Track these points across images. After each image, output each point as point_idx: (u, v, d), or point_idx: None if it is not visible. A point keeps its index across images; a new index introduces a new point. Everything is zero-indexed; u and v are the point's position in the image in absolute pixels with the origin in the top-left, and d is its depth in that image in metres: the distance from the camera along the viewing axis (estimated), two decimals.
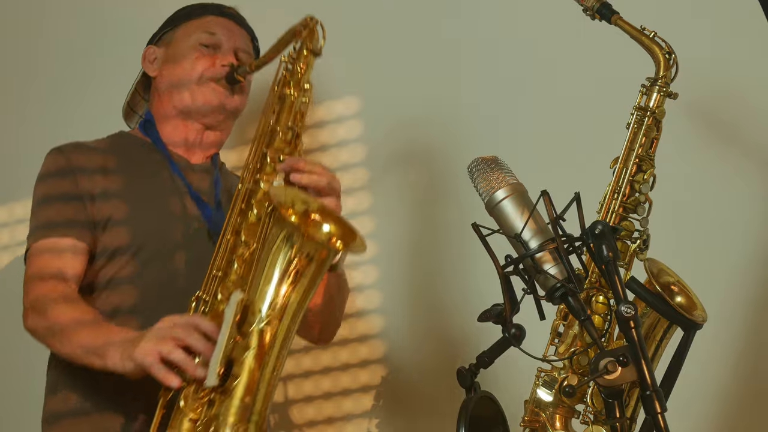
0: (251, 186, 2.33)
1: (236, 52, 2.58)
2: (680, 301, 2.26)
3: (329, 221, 2.22)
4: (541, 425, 2.20)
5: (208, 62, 2.54)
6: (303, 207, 2.21)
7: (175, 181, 2.50)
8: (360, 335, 3.00)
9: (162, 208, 2.46)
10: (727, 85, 2.81)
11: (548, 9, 2.88)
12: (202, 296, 2.26)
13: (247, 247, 2.27)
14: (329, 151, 3.05)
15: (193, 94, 2.54)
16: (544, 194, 1.86)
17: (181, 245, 2.44)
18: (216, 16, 2.61)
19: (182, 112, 2.55)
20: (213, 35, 2.56)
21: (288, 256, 2.14)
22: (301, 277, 2.15)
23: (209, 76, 2.53)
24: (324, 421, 3.00)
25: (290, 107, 2.38)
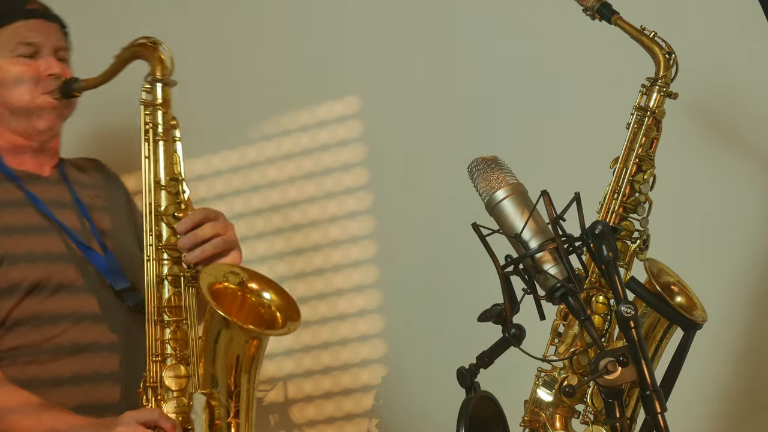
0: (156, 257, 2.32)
1: (56, 52, 2.50)
2: (680, 301, 2.26)
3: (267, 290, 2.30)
4: (541, 425, 2.20)
5: (32, 72, 2.45)
6: (236, 278, 2.29)
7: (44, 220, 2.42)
8: (360, 335, 3.00)
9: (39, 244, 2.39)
10: (727, 85, 2.81)
11: (548, 9, 2.87)
12: (150, 384, 2.27)
13: (175, 326, 2.29)
14: (329, 151, 3.05)
15: (25, 109, 2.45)
16: (544, 194, 1.86)
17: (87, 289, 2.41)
18: (25, 19, 2.48)
19: (17, 128, 2.47)
20: (30, 45, 2.47)
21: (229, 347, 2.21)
22: (246, 363, 2.22)
23: (41, 90, 2.45)
24: (324, 420, 3.00)
25: (165, 154, 2.37)
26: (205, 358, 2.23)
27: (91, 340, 2.38)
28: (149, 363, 2.28)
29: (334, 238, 3.03)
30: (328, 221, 3.03)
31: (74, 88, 2.46)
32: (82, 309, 2.39)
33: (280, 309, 2.29)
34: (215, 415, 2.21)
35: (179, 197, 2.35)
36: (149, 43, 2.38)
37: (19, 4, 2.50)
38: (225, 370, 2.21)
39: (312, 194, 3.04)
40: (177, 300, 2.31)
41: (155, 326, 2.29)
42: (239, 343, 2.21)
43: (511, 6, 2.97)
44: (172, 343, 2.28)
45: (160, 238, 2.33)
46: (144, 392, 2.28)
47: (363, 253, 3.01)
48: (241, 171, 3.08)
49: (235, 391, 2.21)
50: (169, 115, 2.38)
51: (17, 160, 2.48)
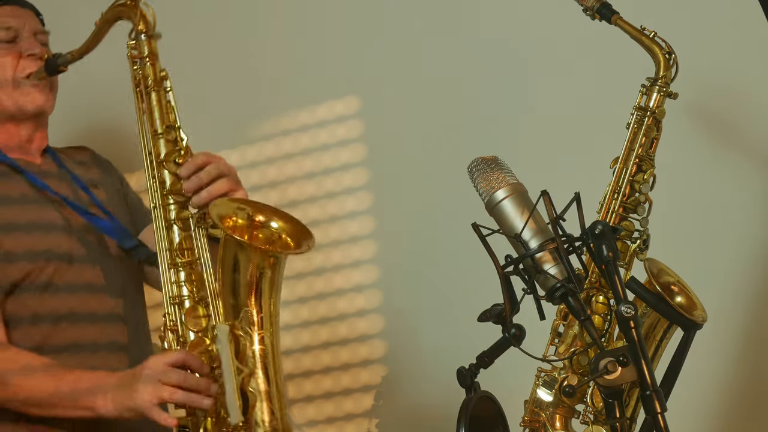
0: (162, 202, 2.32)
1: (35, 35, 2.50)
2: (680, 301, 2.26)
3: (275, 219, 2.27)
4: (541, 425, 2.20)
5: (14, 58, 2.45)
6: (244, 213, 2.27)
7: (49, 202, 2.43)
8: (360, 335, 3.00)
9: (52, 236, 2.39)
10: (727, 85, 2.81)
11: (548, 9, 2.87)
12: (170, 327, 2.27)
13: (189, 266, 2.29)
14: (329, 151, 3.05)
15: (13, 97, 2.45)
16: (544, 194, 1.86)
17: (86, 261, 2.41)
18: (1, 6, 2.48)
19: (10, 117, 2.47)
20: (8, 29, 2.46)
21: (245, 273, 2.18)
22: (267, 285, 2.20)
23: (25, 75, 2.45)
24: (324, 420, 3.00)
25: (159, 105, 2.36)
26: (224, 289, 2.21)
27: (89, 310, 2.38)
28: (167, 307, 2.27)
29: (334, 238, 3.03)
30: (328, 221, 3.03)
31: (59, 62, 2.44)
32: (78, 281, 2.39)
33: (290, 235, 2.26)
34: (240, 344, 2.17)
35: (178, 144, 2.35)
36: (129, 1, 2.37)
37: None
38: (245, 297, 2.18)
39: (312, 194, 3.04)
40: (188, 242, 2.30)
41: (170, 270, 2.29)
42: (257, 266, 2.18)
43: (511, 6, 2.97)
44: (188, 285, 2.28)
45: (163, 185, 2.33)
46: (165, 336, 2.27)
47: (363, 253, 3.02)
48: (241, 171, 3.07)
49: (258, 318, 2.18)
50: (158, 66, 2.38)
51: (8, 149, 2.48)
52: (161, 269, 2.30)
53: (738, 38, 2.79)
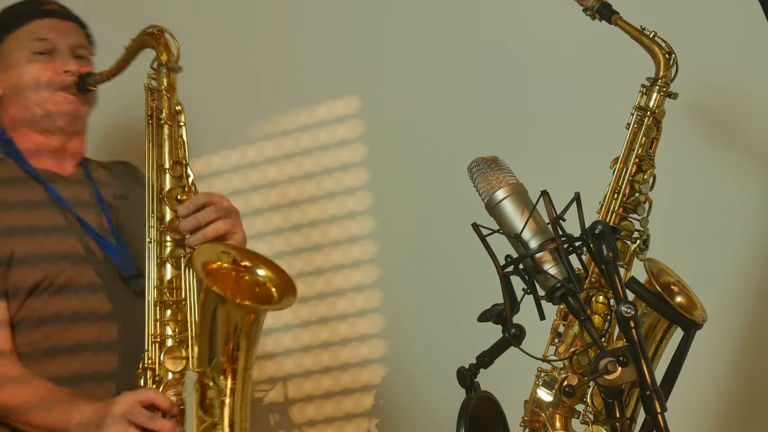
0: (158, 238, 2.33)
1: (73, 50, 2.53)
2: (680, 301, 2.26)
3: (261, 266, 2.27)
4: (541, 425, 2.20)
5: (48, 70, 2.48)
6: (229, 258, 2.26)
7: (64, 216, 2.44)
8: (360, 335, 3.00)
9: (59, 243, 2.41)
10: (727, 85, 2.81)
11: (548, 9, 2.87)
12: (148, 365, 2.27)
13: (176, 306, 2.29)
14: (329, 150, 3.05)
15: (44, 107, 2.47)
16: (544, 194, 1.86)
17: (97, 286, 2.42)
18: (40, 19, 2.52)
19: (38, 126, 2.49)
20: (44, 41, 2.50)
21: (224, 324, 2.17)
22: (244, 340, 2.19)
23: (57, 87, 2.48)
24: (324, 420, 3.00)
25: (169, 139, 2.37)
26: (201, 337, 2.20)
27: (93, 339, 2.39)
28: (148, 344, 2.27)
29: (334, 238, 3.03)
30: (328, 221, 3.03)
31: (89, 82, 2.48)
32: (84, 308, 2.39)
33: (275, 285, 2.26)
34: (206, 394, 2.17)
35: (183, 181, 2.36)
36: (155, 30, 2.40)
37: (35, 5, 2.55)
38: (220, 348, 2.17)
39: (312, 194, 3.04)
40: (178, 281, 2.31)
41: (155, 307, 2.29)
42: (235, 320, 2.17)
43: (511, 6, 2.97)
44: (172, 325, 2.28)
45: (162, 221, 2.33)
46: (143, 373, 2.27)
47: (363, 253, 3.02)
48: (241, 171, 3.08)
49: (230, 368, 2.18)
50: (174, 99, 2.39)
51: (38, 159, 2.50)
52: (147, 305, 2.30)
53: (738, 38, 2.79)
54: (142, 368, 2.28)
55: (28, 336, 2.35)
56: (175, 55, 2.40)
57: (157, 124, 2.38)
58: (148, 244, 2.32)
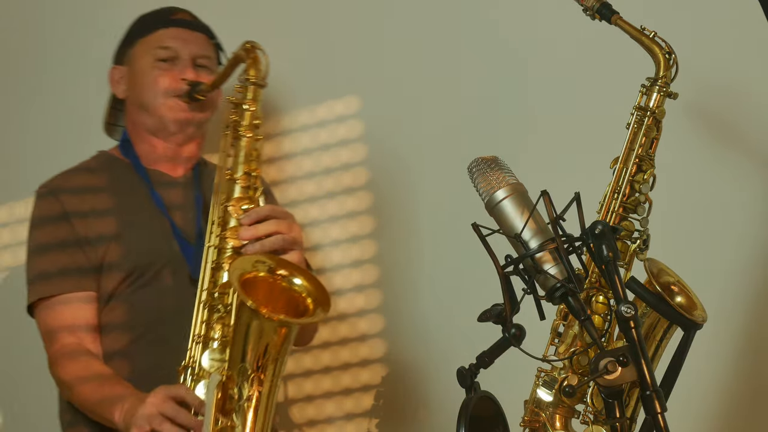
0: (218, 244, 2.39)
1: (195, 60, 2.61)
2: (680, 301, 2.26)
3: (298, 276, 2.31)
4: (541, 425, 2.20)
5: (168, 78, 2.57)
6: (264, 267, 2.30)
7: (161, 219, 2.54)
8: (360, 335, 3.01)
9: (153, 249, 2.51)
10: (727, 85, 2.81)
11: (548, 9, 2.88)
12: (189, 363, 2.34)
13: (226, 311, 2.34)
14: (329, 150, 3.05)
15: (158, 112, 2.57)
16: (544, 194, 1.86)
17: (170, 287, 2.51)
18: (167, 27, 2.62)
19: (153, 130, 2.60)
20: (167, 49, 2.59)
21: (256, 335, 2.21)
22: (273, 350, 2.23)
23: (171, 93, 2.56)
24: (324, 420, 3.00)
25: (246, 150, 2.45)
26: (234, 343, 2.24)
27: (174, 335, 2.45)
28: (191, 343, 2.34)
29: (335, 238, 3.04)
30: (328, 221, 3.04)
31: (196, 90, 2.56)
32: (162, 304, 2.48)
33: (311, 295, 2.29)
34: (228, 397, 2.22)
35: (250, 192, 2.42)
36: (248, 45, 2.50)
37: (165, 14, 2.65)
38: (250, 356, 2.21)
39: (312, 194, 3.05)
40: (229, 287, 2.35)
41: (203, 308, 2.35)
42: (266, 333, 2.21)
43: (511, 6, 2.97)
44: (217, 327, 2.33)
45: (224, 227, 2.39)
46: (183, 370, 2.34)
47: (363, 253, 3.02)
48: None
49: (257, 377, 2.21)
50: (255, 114, 2.48)
51: (153, 162, 2.62)
52: (196, 306, 2.36)
53: (738, 38, 2.79)
54: (183, 366, 2.34)
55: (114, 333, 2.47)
56: (263, 71, 2.51)
57: (235, 135, 2.46)
58: (207, 247, 2.39)
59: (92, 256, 2.47)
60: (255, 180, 2.45)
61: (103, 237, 2.48)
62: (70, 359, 2.42)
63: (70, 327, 2.45)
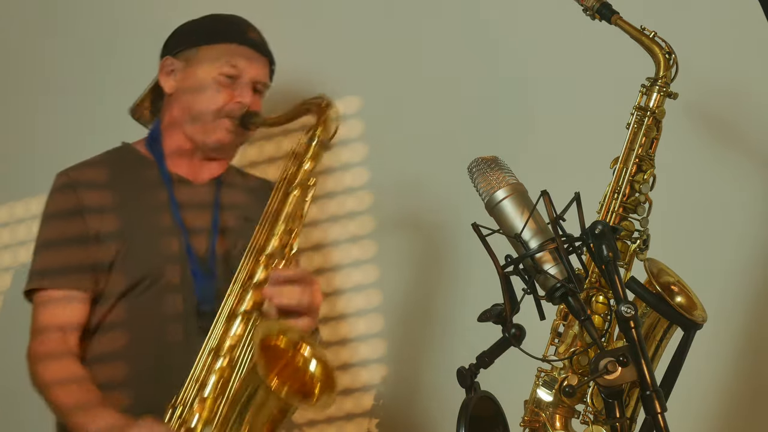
0: (239, 294, 2.35)
1: (254, 84, 2.59)
2: (680, 301, 2.26)
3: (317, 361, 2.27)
4: (541, 425, 2.20)
5: (227, 96, 2.54)
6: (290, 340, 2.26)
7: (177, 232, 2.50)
8: (360, 335, 3.01)
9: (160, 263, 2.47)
10: (727, 85, 2.81)
11: (548, 9, 2.88)
12: (178, 404, 2.29)
13: (229, 365, 2.30)
14: (330, 151, 3.04)
15: (206, 128, 2.54)
16: (544, 194, 1.86)
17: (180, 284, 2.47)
18: (240, 44, 2.58)
19: (191, 137, 2.56)
20: (235, 67, 2.56)
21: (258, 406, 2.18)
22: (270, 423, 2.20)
23: (224, 113, 2.54)
24: (324, 420, 3.00)
25: (293, 205, 2.42)
26: (231, 404, 2.22)
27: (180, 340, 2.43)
28: (188, 383, 2.29)
29: (335, 238, 3.04)
30: (328, 221, 3.04)
31: (252, 121, 2.55)
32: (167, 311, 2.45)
33: (320, 382, 2.26)
34: None
35: (286, 249, 2.39)
36: (323, 103, 2.49)
37: (241, 28, 2.61)
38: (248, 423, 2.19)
39: (312, 194, 3.04)
40: (239, 341, 2.32)
41: (209, 354, 2.31)
42: (268, 406, 2.18)
43: (511, 6, 2.97)
44: (216, 376, 2.29)
45: (251, 278, 2.35)
46: (171, 408, 2.30)
47: (363, 253, 3.02)
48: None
49: None
50: (311, 171, 2.45)
51: (175, 162, 2.57)
52: (201, 350, 2.32)
53: (738, 38, 2.79)
54: (172, 404, 2.30)
55: (118, 336, 2.43)
56: (331, 132, 2.48)
57: (286, 189, 2.43)
58: (227, 296, 2.35)
59: (99, 253, 2.43)
60: (294, 239, 2.41)
61: (114, 235, 2.44)
62: (52, 359, 2.38)
63: (61, 326, 2.41)
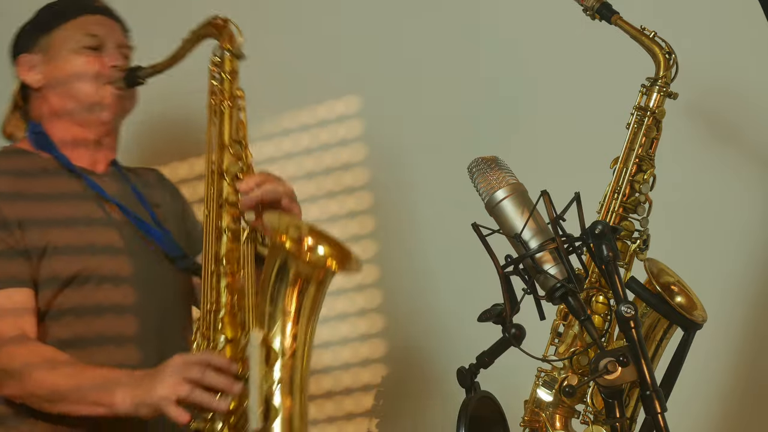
0: (216, 211, 2.33)
1: (120, 48, 2.54)
2: (680, 301, 2.26)
3: (323, 243, 2.24)
4: (541, 425, 2.20)
5: (97, 64, 2.49)
6: (296, 232, 2.23)
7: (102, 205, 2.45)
8: (361, 335, 3.01)
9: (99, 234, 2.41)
10: (727, 85, 2.81)
11: (548, 9, 2.88)
12: (204, 331, 2.26)
13: (232, 276, 2.29)
14: (330, 150, 3.05)
15: (90, 98, 2.48)
16: (544, 194, 1.86)
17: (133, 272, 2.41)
18: (92, 14, 2.54)
19: (79, 117, 2.49)
20: (95, 36, 2.51)
21: (289, 284, 2.17)
22: (309, 301, 2.18)
23: (104, 80, 2.49)
24: (325, 420, 3.00)
25: (229, 119, 2.40)
26: (262, 297, 2.18)
27: (134, 331, 2.38)
28: (203, 312, 2.27)
29: None
30: (329, 221, 3.03)
31: (139, 75, 2.50)
32: (126, 301, 2.39)
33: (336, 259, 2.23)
34: (271, 354, 2.15)
35: (242, 160, 2.38)
36: (220, 20, 2.45)
37: (85, 1, 2.57)
38: (283, 308, 2.16)
39: (312, 194, 3.04)
40: (235, 254, 2.31)
41: (211, 276, 2.29)
42: (303, 279, 2.16)
43: (511, 6, 2.97)
44: (228, 294, 2.27)
45: (220, 195, 2.35)
46: (196, 339, 2.27)
47: (363, 253, 3.01)
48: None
49: (293, 332, 2.16)
50: (236, 84, 2.43)
51: (73, 153, 2.50)
52: (203, 275, 2.30)
53: (738, 38, 2.79)
54: (196, 334, 2.27)
55: (70, 326, 2.34)
56: (238, 44, 2.44)
57: (219, 105, 2.41)
58: (205, 216, 2.33)
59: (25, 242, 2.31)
60: (245, 148, 2.39)
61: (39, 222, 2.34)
62: (16, 344, 2.25)
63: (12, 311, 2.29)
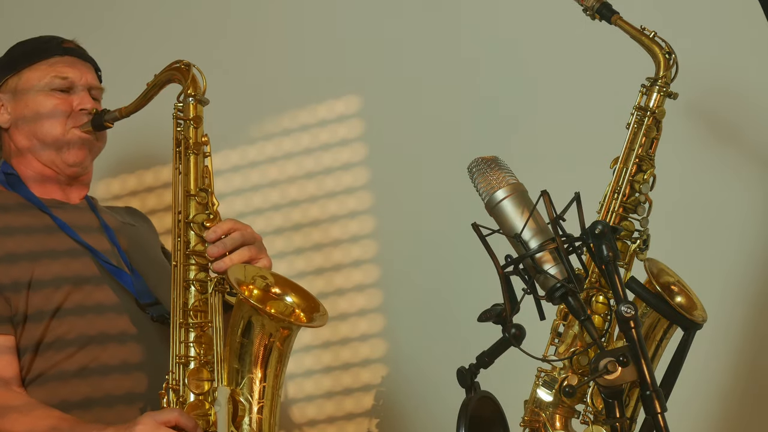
0: (184, 262, 2.34)
1: (90, 90, 2.55)
2: (680, 301, 2.26)
3: (290, 294, 2.30)
4: (541, 425, 2.20)
5: (66, 107, 2.50)
6: (262, 283, 2.29)
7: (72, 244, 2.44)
8: (361, 334, 3.00)
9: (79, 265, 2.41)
10: (727, 85, 2.81)
11: (548, 9, 2.88)
12: (172, 386, 2.27)
13: (200, 329, 2.30)
14: (330, 150, 3.05)
15: (59, 146, 2.49)
16: (544, 194, 1.86)
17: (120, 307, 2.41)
18: (61, 56, 2.55)
19: (46, 157, 2.50)
20: (65, 79, 2.52)
21: (255, 338, 2.21)
22: (275, 356, 2.22)
23: (72, 123, 2.49)
24: (325, 420, 3.00)
25: (195, 167, 2.40)
26: (230, 353, 2.22)
27: (121, 360, 2.39)
28: (172, 365, 2.28)
29: (335, 238, 3.04)
30: (329, 221, 3.04)
31: (106, 119, 2.50)
32: (110, 330, 2.39)
33: (303, 309, 2.29)
34: (239, 410, 2.19)
35: (209, 208, 2.38)
36: (183, 65, 2.43)
37: (56, 42, 2.57)
38: (251, 365, 2.20)
39: (312, 194, 3.05)
40: (203, 305, 2.32)
41: (179, 329, 2.30)
42: (268, 336, 2.20)
43: (511, 6, 2.97)
44: (196, 347, 2.29)
45: (188, 245, 2.35)
46: (165, 393, 2.28)
47: (363, 253, 3.02)
48: (241, 170, 3.09)
49: (261, 387, 2.20)
50: (201, 131, 2.42)
51: (44, 189, 2.52)
52: (171, 327, 2.30)
53: (738, 38, 2.79)
54: (165, 389, 2.28)
55: (52, 358, 2.35)
56: (202, 88, 2.43)
57: (185, 153, 2.40)
58: (174, 267, 2.34)
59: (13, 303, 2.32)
60: (211, 196, 2.39)
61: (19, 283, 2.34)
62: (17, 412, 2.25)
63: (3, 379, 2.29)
